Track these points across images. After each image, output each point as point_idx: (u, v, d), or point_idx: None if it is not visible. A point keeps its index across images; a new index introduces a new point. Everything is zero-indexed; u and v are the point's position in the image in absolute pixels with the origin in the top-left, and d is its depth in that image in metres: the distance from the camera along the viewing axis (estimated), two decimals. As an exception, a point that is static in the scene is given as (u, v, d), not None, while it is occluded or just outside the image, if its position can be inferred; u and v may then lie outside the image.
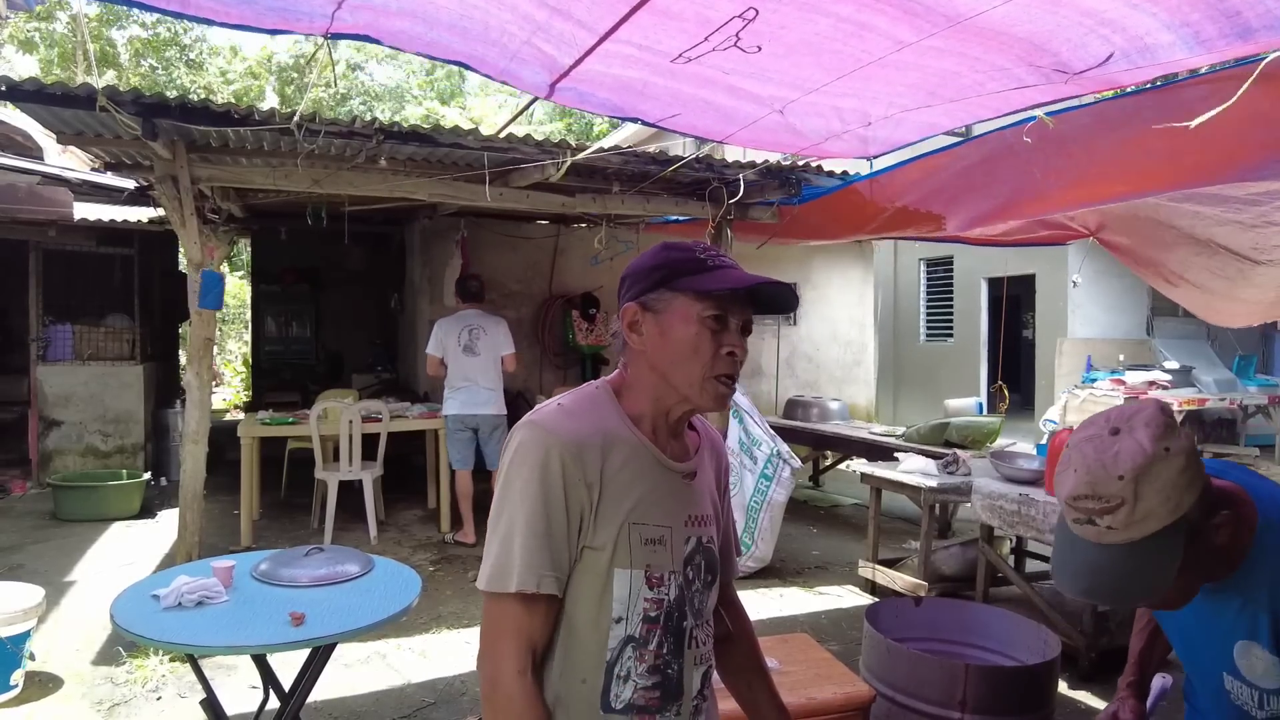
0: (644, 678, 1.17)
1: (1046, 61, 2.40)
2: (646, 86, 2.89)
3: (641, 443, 1.20)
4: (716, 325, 1.17)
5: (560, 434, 1.14)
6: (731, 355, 1.18)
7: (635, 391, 1.23)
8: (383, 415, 5.78)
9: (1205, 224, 3.71)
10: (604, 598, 1.14)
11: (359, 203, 5.81)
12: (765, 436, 5.15)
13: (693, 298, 1.17)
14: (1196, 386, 9.45)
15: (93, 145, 4.28)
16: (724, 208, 5.25)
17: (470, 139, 4.22)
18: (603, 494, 1.14)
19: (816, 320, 9.82)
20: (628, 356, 1.24)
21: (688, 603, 1.20)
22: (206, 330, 4.32)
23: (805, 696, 2.35)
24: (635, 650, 1.16)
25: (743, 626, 1.46)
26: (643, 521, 1.16)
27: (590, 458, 1.14)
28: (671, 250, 1.22)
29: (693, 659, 1.22)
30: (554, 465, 1.12)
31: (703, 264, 1.19)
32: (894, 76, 2.63)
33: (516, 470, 1.14)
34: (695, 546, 1.23)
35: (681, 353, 1.17)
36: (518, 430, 1.17)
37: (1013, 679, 2.65)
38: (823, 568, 5.40)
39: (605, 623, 1.14)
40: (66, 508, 6.25)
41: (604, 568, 1.14)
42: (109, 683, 3.56)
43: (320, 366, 11.06)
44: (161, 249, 8.88)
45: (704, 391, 1.18)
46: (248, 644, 2.03)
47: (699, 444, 1.31)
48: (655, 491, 1.19)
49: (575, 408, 1.20)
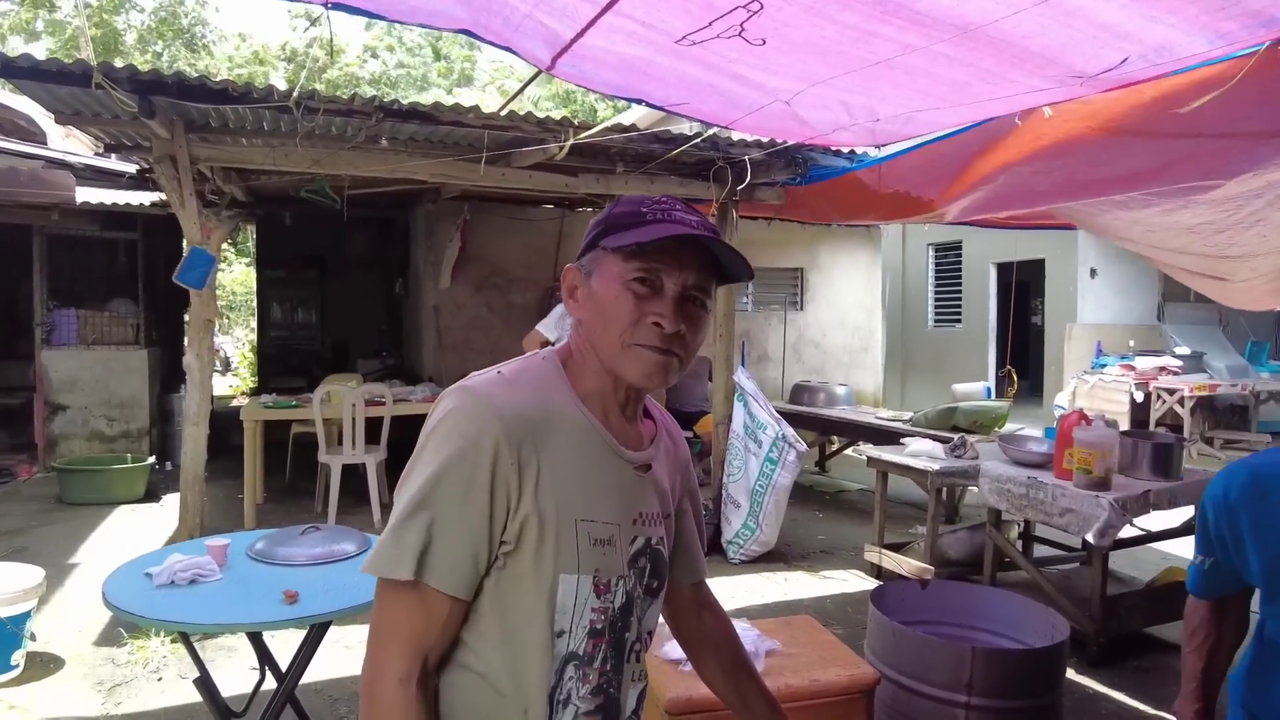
0: (586, 700, 1.01)
1: (1059, 71, 2.34)
2: (651, 66, 2.83)
3: (591, 425, 1.03)
4: (642, 288, 0.99)
5: (498, 406, 0.97)
6: (657, 325, 0.99)
7: (580, 366, 1.06)
8: (386, 399, 5.75)
9: (1176, 233, 3.67)
10: (545, 609, 0.98)
11: (361, 185, 5.77)
12: (770, 420, 5.10)
13: (619, 256, 1.00)
14: (1208, 372, 9.36)
15: (91, 125, 4.25)
16: (729, 188, 5.18)
17: (471, 117, 4.16)
18: (541, 484, 0.97)
19: (824, 305, 9.75)
20: (573, 325, 1.09)
21: (632, 612, 1.06)
22: (206, 311, 4.29)
23: (809, 679, 2.31)
24: (578, 670, 1.01)
25: (723, 629, 1.35)
26: (591, 519, 1.00)
27: (530, 439, 0.97)
28: (617, 205, 1.06)
29: (630, 675, 1.08)
30: (486, 442, 0.94)
31: (640, 218, 1.01)
32: (903, 80, 2.58)
33: (443, 440, 0.96)
34: (642, 548, 1.07)
35: (602, 317, 1.01)
36: (450, 395, 1.00)
37: (1020, 662, 2.61)
38: (828, 552, 5.36)
39: (548, 639, 0.98)
40: (72, 492, 6.26)
41: (548, 573, 0.97)
42: (110, 663, 3.56)
43: (326, 352, 11.05)
44: (165, 234, 8.84)
45: (626, 359, 1.00)
46: (239, 622, 2.00)
47: (654, 434, 1.15)
48: (604, 483, 1.03)
49: (517, 378, 1.03)
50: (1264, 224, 3.21)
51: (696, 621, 1.34)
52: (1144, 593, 4.02)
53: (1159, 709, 3.33)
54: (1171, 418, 8.83)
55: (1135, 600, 3.93)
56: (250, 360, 14.67)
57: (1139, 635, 3.97)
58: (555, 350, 1.10)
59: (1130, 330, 10.45)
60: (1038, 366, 11.46)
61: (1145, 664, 3.76)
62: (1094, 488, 3.59)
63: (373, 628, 0.97)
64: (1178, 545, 4.55)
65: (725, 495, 5.28)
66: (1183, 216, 3.34)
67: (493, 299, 8.38)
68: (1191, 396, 8.78)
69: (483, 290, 8.31)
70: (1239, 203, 3.06)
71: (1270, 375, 9.71)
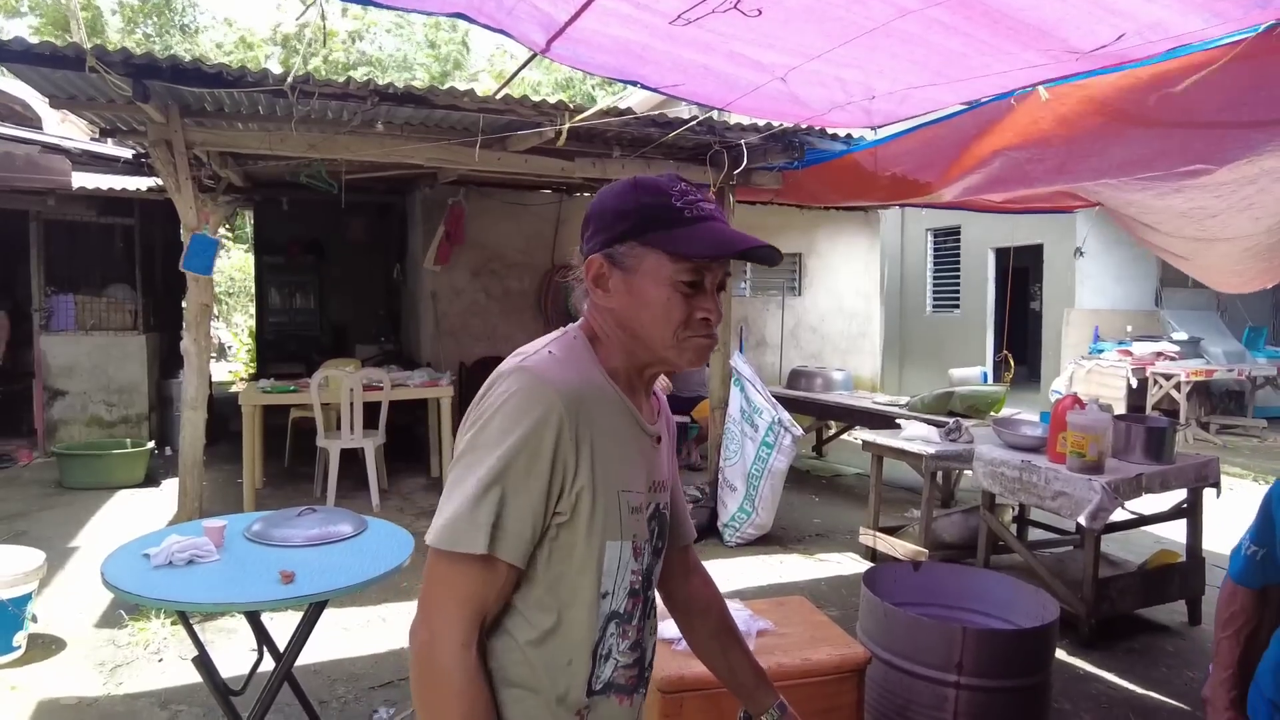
0: (625, 655, 1.10)
1: (1055, 46, 2.34)
2: (646, 50, 2.83)
3: (622, 401, 1.10)
4: (690, 290, 1.06)
5: (558, 386, 1.01)
6: (705, 320, 1.07)
7: (607, 347, 1.11)
8: (384, 383, 5.77)
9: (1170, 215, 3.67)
10: (594, 573, 1.05)
11: (358, 170, 5.76)
12: (766, 404, 5.12)
13: (666, 257, 1.04)
14: (1205, 358, 9.37)
15: (85, 109, 4.24)
16: (725, 173, 5.18)
17: (466, 100, 4.15)
18: (594, 459, 1.03)
19: (822, 291, 9.75)
20: (592, 308, 1.12)
21: (653, 571, 1.16)
22: (204, 297, 4.30)
23: (800, 658, 2.33)
24: (619, 626, 1.09)
25: (709, 591, 1.40)
26: (629, 488, 1.08)
27: (584, 417, 1.02)
28: (643, 193, 1.07)
29: (650, 629, 1.18)
30: (550, 421, 0.99)
31: (679, 215, 1.05)
32: (899, 49, 2.57)
33: (509, 419, 1.00)
34: (654, 512, 1.15)
35: (652, 316, 1.06)
36: (511, 375, 1.03)
37: (1009, 642, 2.64)
38: (824, 535, 5.39)
39: (594, 600, 1.06)
40: (72, 476, 6.29)
41: (597, 540, 1.04)
42: (111, 645, 3.59)
43: (325, 338, 11.06)
44: (163, 219, 8.82)
45: (681, 351, 1.08)
46: (236, 601, 2.02)
47: (659, 406, 1.24)
48: (634, 455, 1.11)
49: (566, 357, 1.07)
50: (1256, 207, 3.22)
51: (684, 585, 1.38)
52: (1136, 575, 4.06)
53: (1149, 689, 3.36)
54: (1168, 403, 8.85)
55: (1127, 583, 3.96)
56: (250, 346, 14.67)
57: (1130, 617, 4.01)
58: (580, 327, 1.13)
59: (1128, 315, 10.46)
60: (1036, 352, 11.47)
61: (1136, 645, 3.80)
62: (1087, 471, 3.61)
63: (430, 596, 1.00)
64: (1170, 528, 4.58)
65: (721, 479, 5.31)
66: (1175, 201, 3.34)
67: (490, 285, 8.38)
68: (1188, 382, 8.80)
69: (480, 276, 8.31)
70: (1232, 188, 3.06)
71: (1267, 360, 9.72)
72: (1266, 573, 1.53)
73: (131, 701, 3.13)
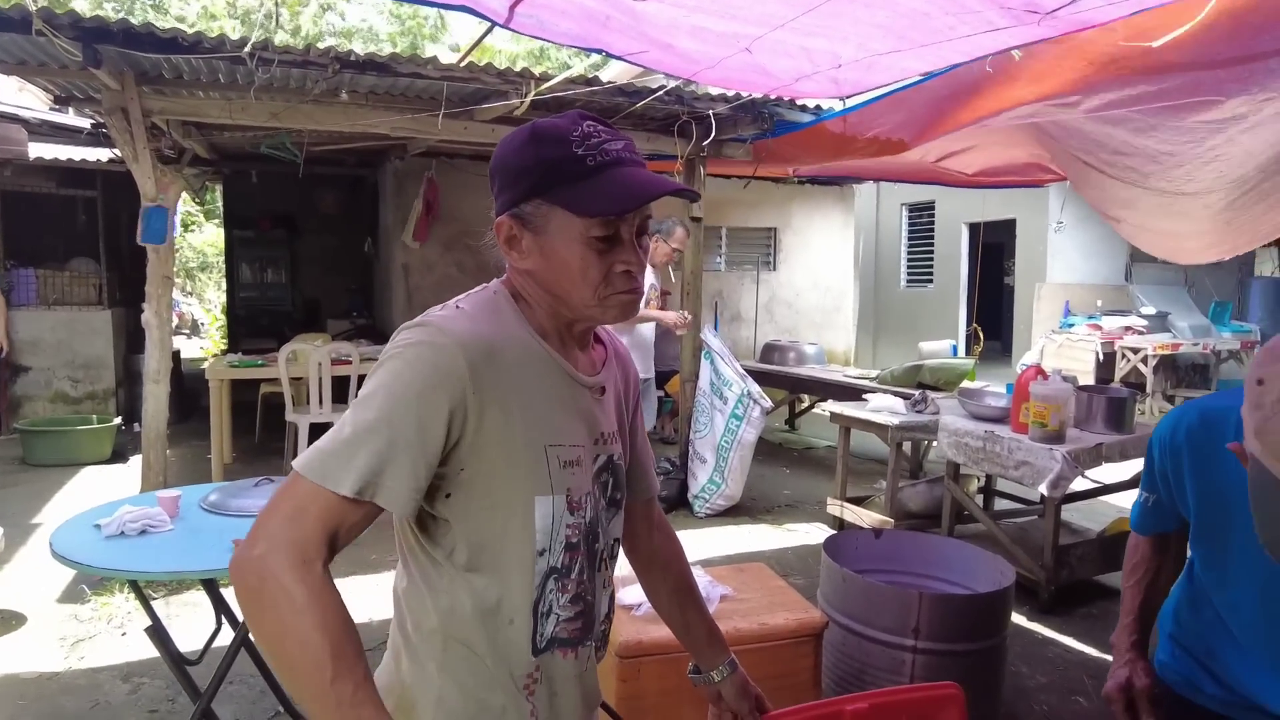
0: (566, 609, 1.08)
1: (1018, 5, 2.32)
2: (609, 20, 2.79)
3: (550, 356, 1.07)
4: (605, 245, 1.01)
5: (461, 338, 0.97)
6: (627, 273, 1.02)
7: (530, 305, 1.08)
8: (352, 357, 5.72)
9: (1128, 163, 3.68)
10: (525, 530, 1.02)
11: (325, 141, 5.67)
12: (736, 377, 5.14)
13: (574, 214, 0.99)
14: (1172, 332, 9.51)
15: (36, 75, 4.12)
16: (695, 143, 5.14)
17: (430, 68, 4.09)
18: (506, 413, 0.99)
19: (797, 266, 9.76)
20: (510, 268, 1.09)
21: (599, 524, 1.13)
22: (164, 269, 4.23)
23: (758, 623, 2.36)
24: (558, 582, 1.07)
25: (671, 548, 1.40)
26: (559, 443, 1.05)
27: (492, 371, 0.98)
28: (542, 144, 1.01)
29: (600, 582, 1.15)
30: (447, 372, 0.95)
31: (582, 165, 0.99)
32: (862, 15, 2.54)
33: (404, 366, 0.95)
34: (604, 464, 1.13)
35: (569, 277, 1.02)
36: (410, 327, 1.00)
37: (965, 607, 2.68)
38: (793, 506, 5.45)
39: (529, 557, 1.03)
40: (36, 453, 6.20)
41: (523, 496, 1.01)
42: (73, 620, 3.56)
43: (297, 313, 10.93)
44: (127, 191, 8.63)
45: (605, 309, 1.04)
46: (188, 569, 2.01)
47: (605, 356, 1.20)
48: (567, 409, 1.08)
49: (477, 312, 1.03)
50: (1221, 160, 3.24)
51: (648, 540, 1.38)
52: (1094, 542, 4.14)
53: (1104, 652, 3.44)
54: (1135, 376, 8.99)
55: (1086, 550, 4.04)
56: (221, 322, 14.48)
57: (1089, 584, 4.09)
58: (503, 283, 1.10)
59: (1098, 290, 10.58)
60: (1008, 326, 11.58)
61: (1094, 610, 3.88)
62: (1048, 441, 3.67)
63: (275, 511, 0.91)
64: (1130, 497, 4.66)
65: (692, 451, 5.33)
66: (1149, 141, 3.35)
67: (463, 258, 8.30)
68: (1155, 355, 8.94)
69: (453, 250, 8.23)
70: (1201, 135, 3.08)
71: (1231, 335, 9.89)
72: (1159, 519, 1.56)
73: (93, 675, 3.11)
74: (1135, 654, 1.53)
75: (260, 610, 0.87)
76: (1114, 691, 1.50)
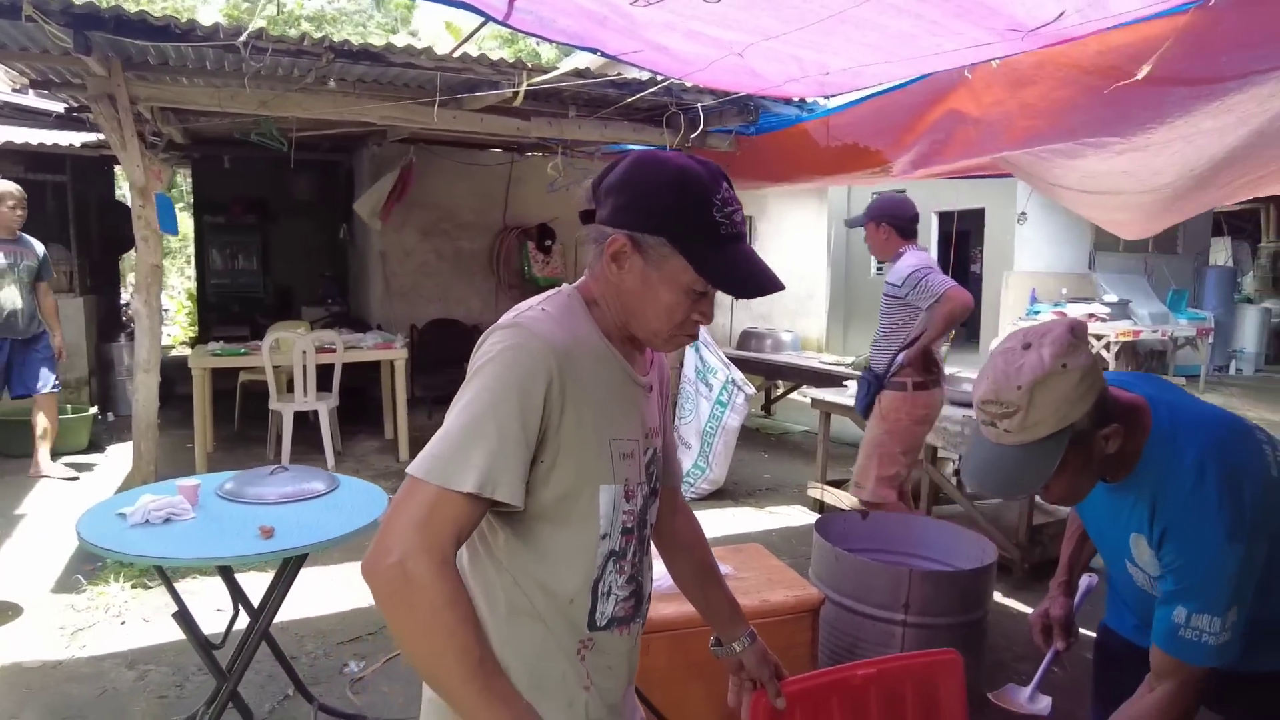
0: (623, 589, 1.19)
1: (1001, 23, 2.44)
2: (606, 21, 2.86)
3: (615, 357, 1.18)
4: (697, 297, 1.14)
5: (551, 340, 1.08)
6: (699, 321, 1.17)
7: (603, 310, 1.18)
8: (337, 346, 5.73)
9: None
10: (590, 516, 1.13)
11: (308, 127, 5.64)
12: (720, 365, 5.25)
13: (692, 268, 1.10)
14: (1133, 319, 9.84)
15: (17, 60, 4.05)
16: (681, 135, 5.22)
17: (424, 58, 4.11)
18: (583, 409, 1.09)
19: (772, 254, 9.89)
20: (599, 274, 1.17)
21: (647, 511, 1.25)
22: (153, 257, 4.21)
23: (759, 599, 2.47)
24: (616, 564, 1.17)
25: (694, 531, 1.51)
26: (620, 436, 1.16)
27: (575, 370, 1.09)
28: (687, 194, 1.09)
29: (646, 564, 1.28)
30: (540, 373, 1.05)
31: (715, 232, 1.10)
32: (853, 34, 2.65)
33: (504, 369, 1.05)
34: (651, 457, 1.25)
35: (655, 312, 1.14)
36: (505, 330, 1.09)
37: (951, 582, 2.83)
38: (774, 489, 5.59)
39: (594, 541, 1.14)
40: (10, 443, 6.10)
41: (592, 485, 1.12)
42: (70, 609, 3.57)
43: (269, 300, 10.81)
44: (98, 177, 8.50)
45: (666, 343, 1.19)
46: (220, 556, 2.06)
47: (651, 357, 1.31)
48: (626, 405, 1.19)
49: (559, 316, 1.14)
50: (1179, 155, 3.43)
51: (671, 523, 1.48)
52: (1065, 522, 4.32)
53: (1075, 625, 3.62)
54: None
55: (1057, 529, 4.22)
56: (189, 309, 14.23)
57: (1060, 560, 4.28)
58: (578, 289, 1.20)
59: (1063, 278, 10.87)
60: (976, 314, 11.85)
61: (1065, 586, 4.07)
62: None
63: (402, 519, 1.00)
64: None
65: (677, 436, 5.44)
66: (1118, 163, 3.53)
67: (441, 245, 8.30)
68: (1116, 342, 9.25)
69: (431, 236, 8.23)
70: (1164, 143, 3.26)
71: (1188, 322, 10.26)
72: None
73: (97, 663, 3.14)
74: (1059, 592, 1.86)
75: (408, 610, 0.98)
76: (1034, 618, 1.86)
